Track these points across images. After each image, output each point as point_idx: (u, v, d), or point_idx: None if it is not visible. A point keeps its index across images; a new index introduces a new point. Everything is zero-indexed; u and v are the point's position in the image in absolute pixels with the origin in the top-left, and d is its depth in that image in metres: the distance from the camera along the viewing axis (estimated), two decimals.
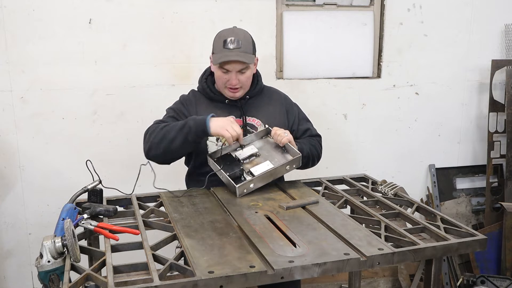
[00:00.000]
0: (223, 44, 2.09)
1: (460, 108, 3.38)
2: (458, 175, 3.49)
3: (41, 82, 2.71)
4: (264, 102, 2.29)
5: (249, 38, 2.16)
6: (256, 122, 2.24)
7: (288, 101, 2.37)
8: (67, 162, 2.79)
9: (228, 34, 2.11)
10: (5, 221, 2.81)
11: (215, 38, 2.17)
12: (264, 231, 1.65)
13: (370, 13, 3.17)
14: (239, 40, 2.09)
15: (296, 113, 2.34)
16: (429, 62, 3.25)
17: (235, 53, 2.08)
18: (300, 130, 2.31)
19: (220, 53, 2.10)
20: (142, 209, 1.93)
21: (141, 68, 2.82)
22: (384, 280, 3.36)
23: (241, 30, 2.17)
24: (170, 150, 2.06)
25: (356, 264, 1.47)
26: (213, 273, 1.35)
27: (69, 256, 1.48)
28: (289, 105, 2.35)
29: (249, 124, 2.22)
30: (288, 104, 2.35)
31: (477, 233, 1.65)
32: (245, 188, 1.99)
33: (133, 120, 2.85)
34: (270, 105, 2.29)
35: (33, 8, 2.62)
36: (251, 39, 2.17)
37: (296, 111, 2.35)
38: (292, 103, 2.38)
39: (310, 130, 2.34)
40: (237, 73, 2.12)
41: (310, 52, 3.10)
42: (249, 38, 2.16)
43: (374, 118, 3.24)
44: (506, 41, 3.33)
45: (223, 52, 2.09)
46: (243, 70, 2.13)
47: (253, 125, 2.23)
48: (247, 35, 2.16)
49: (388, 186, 2.13)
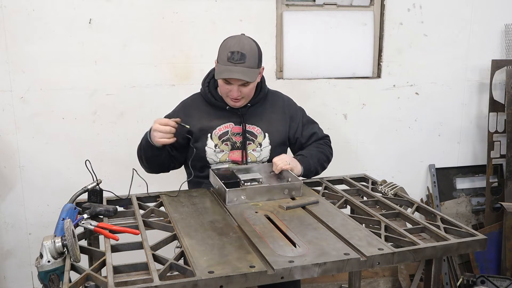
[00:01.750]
0: (227, 56, 2.03)
1: (460, 108, 3.38)
2: (458, 175, 3.49)
3: (41, 82, 2.71)
4: (266, 110, 2.26)
5: (255, 50, 2.09)
6: (256, 130, 2.21)
7: (292, 107, 2.33)
8: (67, 162, 2.79)
9: (234, 46, 2.04)
10: (5, 221, 2.81)
11: (222, 45, 2.11)
12: (264, 231, 1.65)
13: (370, 13, 3.17)
14: (245, 54, 2.03)
15: (299, 119, 2.31)
16: (429, 62, 3.25)
17: (238, 68, 2.02)
18: (304, 136, 2.29)
19: (223, 65, 2.05)
20: (142, 209, 1.93)
21: (141, 68, 2.82)
22: (384, 280, 3.36)
23: (248, 41, 2.09)
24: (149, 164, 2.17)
25: (356, 264, 1.47)
26: (213, 273, 1.35)
27: (69, 256, 1.48)
28: (294, 111, 2.32)
29: (249, 132, 2.20)
30: (292, 110, 2.32)
31: (477, 233, 1.65)
32: (235, 196, 1.91)
33: (133, 120, 2.85)
34: (273, 112, 2.27)
35: (33, 8, 2.62)
36: (257, 52, 2.10)
37: (300, 116, 2.32)
38: (296, 108, 2.35)
39: (316, 133, 2.32)
40: (240, 86, 2.09)
41: (310, 52, 3.10)
42: (255, 51, 2.09)
43: (374, 118, 3.24)
44: (506, 41, 3.33)
45: (227, 65, 2.03)
46: (245, 83, 2.10)
47: (253, 132, 2.21)
48: (253, 46, 2.09)
49: (388, 186, 2.13)
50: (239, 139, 2.19)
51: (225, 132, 2.19)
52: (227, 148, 2.18)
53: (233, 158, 2.19)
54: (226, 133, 2.19)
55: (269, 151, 2.23)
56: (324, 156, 2.27)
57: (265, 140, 2.22)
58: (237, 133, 2.19)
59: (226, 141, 2.18)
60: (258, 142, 2.21)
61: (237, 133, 2.19)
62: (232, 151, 2.18)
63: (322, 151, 2.28)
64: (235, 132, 2.19)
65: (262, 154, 2.22)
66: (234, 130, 2.19)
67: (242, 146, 2.18)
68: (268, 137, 2.22)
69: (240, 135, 2.19)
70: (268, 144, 2.22)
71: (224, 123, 2.20)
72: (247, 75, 2.05)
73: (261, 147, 2.21)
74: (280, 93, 2.38)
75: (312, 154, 2.23)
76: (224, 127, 2.19)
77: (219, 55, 2.10)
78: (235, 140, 2.19)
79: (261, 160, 2.22)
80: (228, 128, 2.19)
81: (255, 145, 2.21)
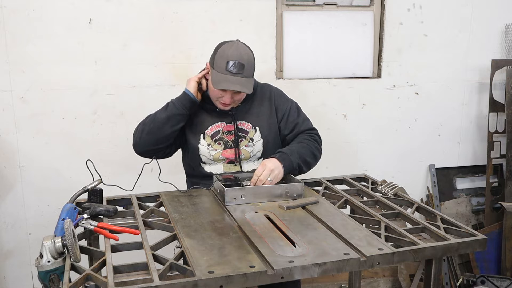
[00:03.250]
0: (226, 65, 2.01)
1: (460, 108, 3.38)
2: (458, 175, 3.49)
3: (41, 82, 2.71)
4: (255, 104, 2.24)
5: (252, 60, 2.08)
6: (246, 125, 2.21)
7: (281, 97, 2.29)
8: (67, 162, 2.79)
9: (232, 55, 2.02)
10: (5, 221, 2.81)
11: (218, 52, 2.07)
12: (264, 231, 1.65)
13: (370, 13, 3.17)
14: (243, 64, 2.02)
15: (286, 109, 2.25)
16: (429, 62, 3.25)
17: (237, 79, 2.01)
18: (288, 128, 2.24)
19: (221, 73, 2.02)
20: (142, 209, 1.93)
21: (141, 68, 2.82)
22: (384, 280, 3.36)
23: (245, 50, 2.07)
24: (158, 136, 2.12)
25: (356, 264, 1.47)
26: (213, 273, 1.35)
27: (69, 256, 1.48)
28: (281, 101, 2.27)
29: (239, 129, 2.20)
30: (278, 100, 2.27)
31: (477, 233, 1.65)
32: (234, 195, 1.92)
33: (133, 120, 2.81)
34: (261, 105, 2.24)
35: (33, 8, 2.62)
36: (253, 61, 2.09)
37: (288, 106, 2.26)
38: (285, 99, 2.29)
39: (298, 124, 2.25)
40: (233, 93, 2.08)
41: (310, 52, 3.10)
42: (252, 60, 2.08)
43: (374, 118, 3.24)
44: (506, 41, 3.33)
45: (225, 75, 2.01)
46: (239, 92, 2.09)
47: (243, 129, 2.21)
48: (250, 56, 2.07)
49: (388, 186, 2.13)
50: (230, 138, 2.19)
51: (217, 132, 2.19)
52: (220, 147, 2.19)
53: (226, 156, 2.19)
54: (218, 132, 2.19)
55: (261, 144, 2.22)
56: (307, 151, 2.16)
57: (256, 134, 2.21)
58: (228, 132, 2.19)
59: (219, 140, 2.19)
60: (249, 137, 2.21)
61: (228, 132, 2.19)
62: (225, 149, 2.19)
63: (305, 145, 2.18)
64: (226, 131, 2.19)
65: (255, 148, 2.21)
66: (225, 129, 2.20)
67: (234, 144, 2.19)
68: (259, 130, 2.22)
69: (231, 134, 2.19)
70: (260, 138, 2.22)
71: (216, 123, 2.20)
72: (246, 86, 2.05)
73: (253, 142, 2.21)
74: (269, 85, 2.33)
75: (293, 149, 2.14)
76: (216, 126, 2.20)
77: (215, 62, 2.06)
78: (227, 139, 2.19)
79: (255, 155, 2.22)
80: (219, 127, 2.19)
81: (247, 140, 2.21)
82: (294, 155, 2.11)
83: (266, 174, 2.00)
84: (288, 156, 2.09)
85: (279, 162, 2.05)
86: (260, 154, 2.23)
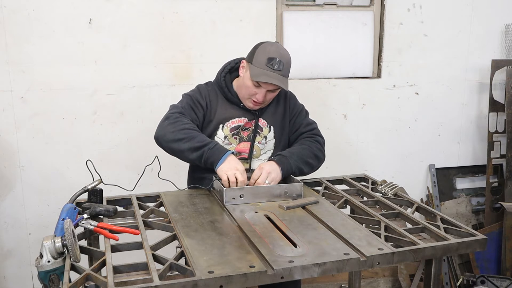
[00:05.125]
0: (268, 61, 2.05)
1: (460, 108, 3.38)
2: (458, 175, 3.49)
3: (41, 82, 2.71)
4: (272, 103, 2.27)
5: (289, 60, 2.12)
6: (262, 122, 2.24)
7: (293, 100, 2.33)
8: (67, 162, 2.79)
9: (273, 52, 2.07)
10: (5, 221, 2.81)
11: (259, 49, 2.10)
12: (264, 231, 1.65)
13: (370, 13, 3.17)
14: (283, 62, 2.06)
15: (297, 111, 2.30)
16: (429, 62, 3.26)
17: (276, 75, 2.05)
18: (293, 129, 2.29)
19: (261, 68, 2.05)
20: (142, 209, 1.93)
21: (141, 68, 2.82)
22: (384, 280, 3.36)
23: (284, 50, 2.13)
24: (175, 153, 2.07)
25: (356, 264, 1.47)
26: (213, 273, 1.35)
27: (69, 256, 1.48)
28: (293, 103, 2.32)
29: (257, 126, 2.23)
30: (292, 101, 2.31)
31: (477, 233, 1.65)
32: (233, 195, 1.92)
33: (133, 120, 2.85)
34: (278, 105, 2.28)
35: (33, 8, 2.62)
36: (290, 61, 2.13)
37: (299, 109, 2.31)
38: (297, 102, 2.34)
39: (302, 125, 2.28)
40: (268, 91, 2.11)
41: (310, 52, 3.10)
42: (289, 61, 2.12)
43: (374, 118, 3.24)
44: (506, 41, 3.33)
45: (265, 70, 2.05)
46: (273, 90, 2.12)
47: (260, 125, 2.23)
48: (289, 57, 2.12)
49: (388, 186, 2.13)
50: (246, 134, 2.21)
51: (237, 126, 2.20)
52: (235, 141, 2.20)
53: (239, 150, 2.20)
54: (238, 127, 2.20)
55: (273, 144, 2.24)
56: (308, 153, 2.17)
57: (270, 133, 2.24)
58: (245, 128, 2.21)
59: (236, 135, 2.20)
60: (263, 134, 2.23)
61: (245, 128, 2.21)
62: (239, 143, 2.20)
63: (306, 147, 2.19)
64: (245, 127, 2.21)
65: (266, 146, 2.23)
66: (245, 125, 2.21)
67: (251, 140, 2.20)
68: (273, 130, 2.24)
69: (248, 130, 2.21)
70: (273, 137, 2.24)
71: (238, 117, 2.21)
72: (283, 83, 2.08)
73: (266, 140, 2.23)
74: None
75: (293, 152, 2.15)
76: (238, 121, 2.21)
77: (255, 57, 2.09)
78: (243, 135, 2.21)
79: (265, 153, 2.23)
80: (241, 122, 2.21)
81: (260, 137, 2.23)
82: (294, 158, 2.12)
83: (263, 177, 2.01)
84: (287, 159, 2.10)
85: (277, 165, 2.06)
86: (270, 153, 2.24)
